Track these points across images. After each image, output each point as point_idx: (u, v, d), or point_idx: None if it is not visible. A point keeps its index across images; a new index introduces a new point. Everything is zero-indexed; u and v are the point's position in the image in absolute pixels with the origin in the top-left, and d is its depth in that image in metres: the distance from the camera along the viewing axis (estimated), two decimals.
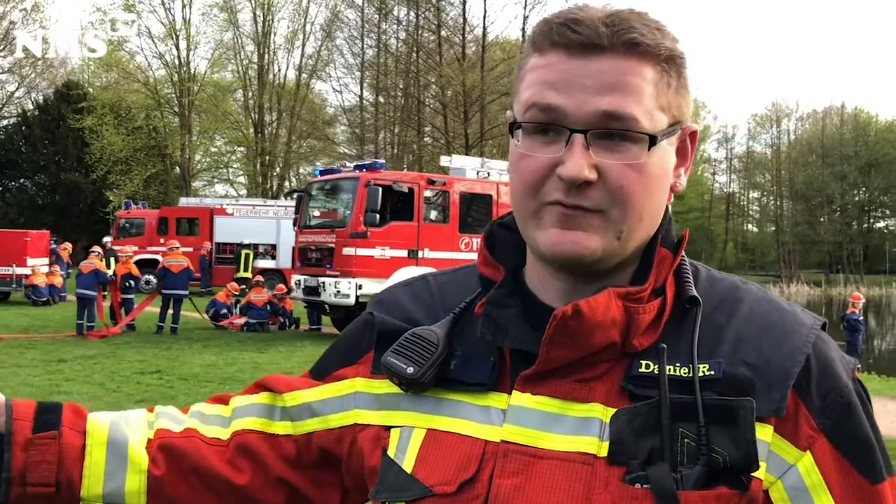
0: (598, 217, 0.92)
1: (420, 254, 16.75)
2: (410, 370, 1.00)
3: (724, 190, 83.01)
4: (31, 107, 52.72)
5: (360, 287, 16.20)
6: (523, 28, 38.41)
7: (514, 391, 0.97)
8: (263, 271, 26.36)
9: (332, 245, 16.87)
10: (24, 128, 50.26)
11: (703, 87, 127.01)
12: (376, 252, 16.54)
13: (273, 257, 29.36)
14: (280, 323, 18.98)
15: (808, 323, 0.98)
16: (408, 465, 1.01)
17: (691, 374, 0.92)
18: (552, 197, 0.93)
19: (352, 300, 16.24)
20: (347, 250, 16.47)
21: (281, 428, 1.14)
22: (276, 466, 1.12)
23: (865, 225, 76.75)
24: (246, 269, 25.52)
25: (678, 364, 0.93)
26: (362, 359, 1.12)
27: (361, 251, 16.41)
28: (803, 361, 0.94)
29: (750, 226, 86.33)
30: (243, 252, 26.08)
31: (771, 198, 79.89)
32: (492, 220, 1.11)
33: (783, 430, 0.93)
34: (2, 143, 50.09)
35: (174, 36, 48.07)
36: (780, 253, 73.65)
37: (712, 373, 0.93)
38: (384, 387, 1.07)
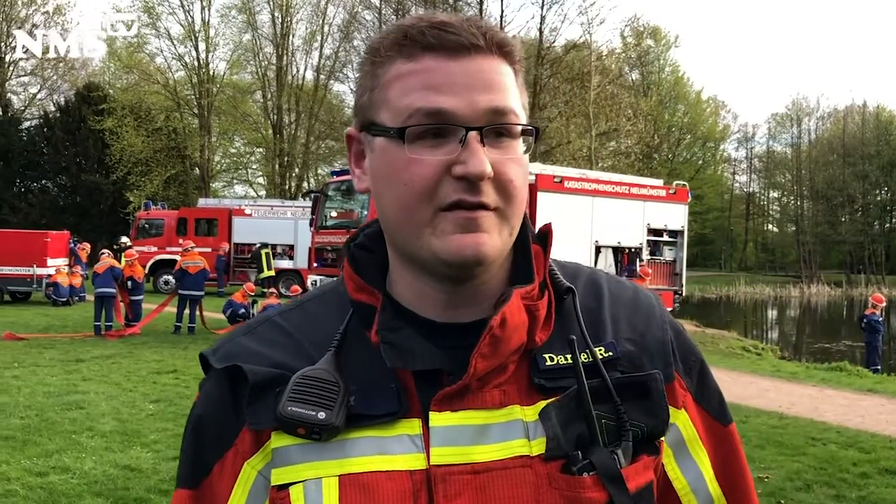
0: (496, 215, 0.93)
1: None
2: (322, 415, 0.92)
3: (745, 190, 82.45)
4: (52, 108, 53.18)
5: None
6: (540, 27, 38.30)
7: (431, 413, 0.93)
8: (281, 272, 26.52)
9: None
10: (45, 129, 50.67)
11: (722, 86, 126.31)
12: None
13: (291, 258, 29.53)
14: None
15: (652, 296, 1.10)
16: None
17: (592, 359, 0.97)
18: (451, 198, 0.91)
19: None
20: None
21: None
22: None
23: (887, 225, 75.88)
24: (269, 268, 25.67)
25: (578, 351, 0.97)
26: (238, 438, 0.99)
27: None
28: (669, 330, 1.06)
29: (770, 226, 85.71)
30: (263, 252, 26.22)
31: (791, 198, 79.26)
32: (346, 243, 1.07)
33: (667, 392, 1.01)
34: (24, 145, 50.54)
35: (193, 38, 48.38)
36: (801, 253, 73.07)
37: (610, 354, 0.99)
38: (269, 446, 0.97)
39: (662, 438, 1.00)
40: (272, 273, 25.97)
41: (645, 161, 45.64)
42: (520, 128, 0.95)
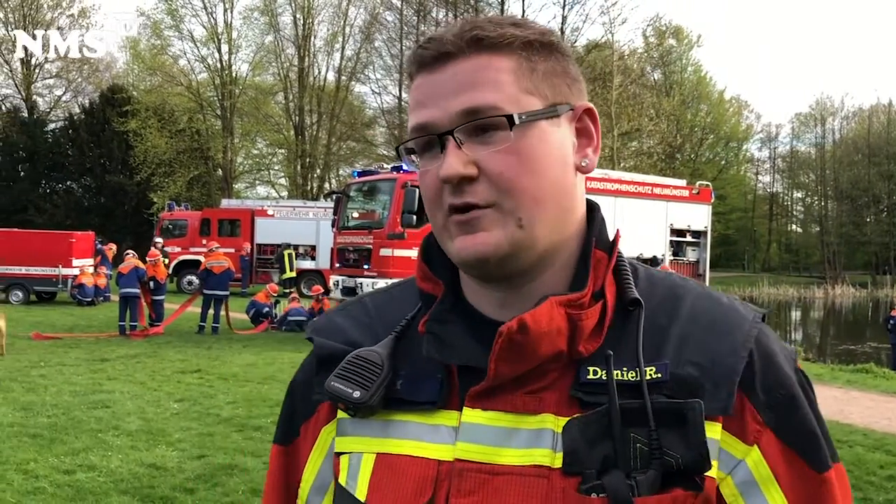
0: (494, 211, 0.93)
1: (418, 253, 16.77)
2: (357, 394, 0.97)
3: (768, 190, 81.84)
4: (77, 110, 53.74)
5: None
6: (562, 28, 38.21)
7: (464, 408, 0.96)
8: (303, 272, 26.65)
9: (370, 246, 16.98)
10: (70, 131, 51.21)
11: (745, 86, 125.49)
12: (413, 253, 16.51)
13: (313, 258, 29.67)
14: None
15: (748, 317, 0.99)
16: (360, 494, 0.99)
17: (638, 378, 0.92)
18: (446, 203, 0.94)
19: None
20: (384, 251, 16.57)
21: None
22: None
23: None
24: (291, 269, 25.81)
25: (625, 368, 0.93)
26: (320, 406, 1.08)
27: (398, 252, 16.49)
28: (747, 357, 0.95)
29: (794, 226, 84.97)
30: (285, 253, 26.36)
31: (815, 198, 78.55)
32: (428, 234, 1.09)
33: (731, 426, 0.93)
34: (49, 147, 51.09)
35: (216, 39, 48.72)
36: (825, 254, 72.38)
37: (659, 375, 0.93)
38: (338, 416, 1.04)
39: (713, 474, 0.92)
40: (293, 274, 26.11)
41: (667, 161, 45.44)
42: (517, 116, 0.93)
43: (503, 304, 0.98)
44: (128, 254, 18.21)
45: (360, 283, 16.88)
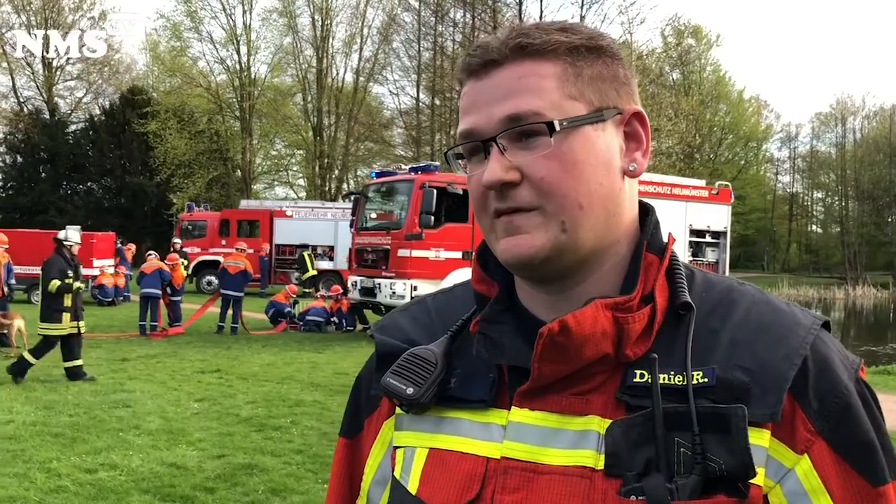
0: (538, 215, 0.94)
1: (475, 255, 16.79)
2: (410, 391, 1.00)
3: (788, 190, 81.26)
4: (98, 112, 54.15)
5: (416, 288, 16.32)
6: None
7: (512, 407, 0.97)
8: (321, 272, 26.75)
9: (388, 247, 17.01)
10: (91, 132, 51.61)
11: (765, 85, 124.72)
12: (431, 254, 16.62)
13: (331, 258, 29.76)
14: (337, 324, 19.19)
15: (806, 323, 0.96)
16: (412, 487, 1.02)
17: (685, 383, 0.91)
18: (491, 208, 0.97)
19: (407, 301, 16.35)
20: (403, 252, 16.60)
21: None
22: None
23: None
24: (313, 267, 25.93)
25: (672, 372, 0.92)
26: (381, 401, 1.12)
27: (416, 253, 16.52)
28: (799, 364, 0.92)
29: (814, 227, 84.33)
30: (305, 254, 26.51)
31: (836, 198, 77.89)
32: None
33: (780, 434, 0.91)
34: (70, 148, 51.51)
35: (235, 41, 49.01)
36: (846, 254, 71.78)
37: (706, 380, 0.91)
38: (397, 411, 1.08)
39: (759, 482, 0.90)
40: (315, 272, 26.24)
41: (686, 161, 45.18)
42: (557, 123, 0.94)
43: (552, 306, 0.99)
44: (150, 254, 18.34)
45: (378, 284, 16.92)
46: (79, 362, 11.41)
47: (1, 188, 51.98)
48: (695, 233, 19.77)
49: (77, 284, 11.47)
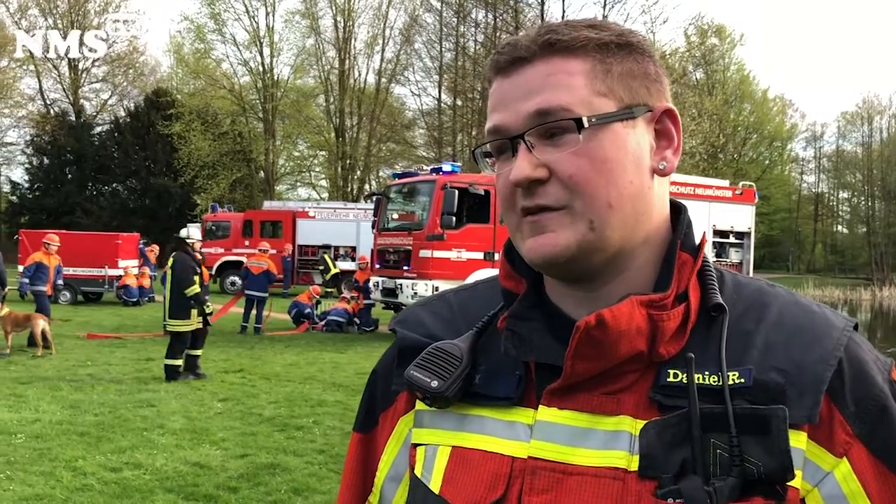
0: (565, 214, 0.93)
1: (496, 256, 16.77)
2: (435, 384, 0.98)
3: (813, 190, 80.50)
4: (123, 114, 54.68)
5: (437, 289, 16.32)
6: None
7: (540, 406, 0.96)
8: (343, 272, 26.84)
9: (410, 247, 17.04)
10: (116, 134, 52.10)
11: (790, 84, 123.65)
12: (453, 254, 16.63)
13: (353, 259, 29.84)
14: (358, 324, 19.23)
15: (839, 325, 0.95)
16: (435, 485, 1.00)
17: (721, 383, 0.90)
18: (519, 205, 0.96)
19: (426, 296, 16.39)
20: (424, 252, 16.62)
21: None
22: None
23: None
24: (333, 268, 26.03)
25: (707, 373, 0.91)
26: (398, 396, 1.11)
27: (438, 253, 16.54)
28: (835, 365, 0.91)
29: (840, 227, 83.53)
30: (325, 256, 26.64)
31: (862, 198, 77.04)
32: None
33: (818, 436, 0.89)
34: (96, 150, 52.03)
35: (258, 43, 49.31)
36: (872, 255, 70.95)
37: (742, 380, 0.90)
38: (416, 408, 1.07)
39: (797, 485, 0.89)
40: (337, 270, 26.36)
41: (710, 161, 44.91)
42: (586, 119, 0.92)
43: (583, 304, 0.98)
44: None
45: (400, 284, 16.96)
46: (199, 351, 11.93)
47: (28, 189, 52.63)
48: (718, 233, 19.64)
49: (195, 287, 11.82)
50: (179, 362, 11.56)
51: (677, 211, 1.03)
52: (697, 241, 1.01)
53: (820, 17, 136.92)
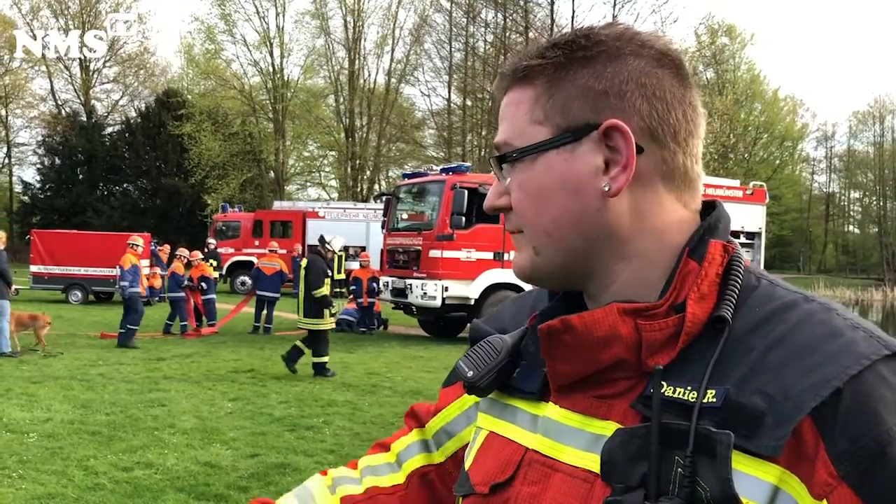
0: (521, 237, 1.00)
1: (506, 256, 16.77)
2: (470, 373, 1.04)
3: (824, 190, 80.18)
4: (133, 114, 54.92)
5: (447, 289, 16.34)
6: None
7: (549, 402, 0.99)
8: (350, 273, 26.85)
9: (419, 247, 17.04)
10: (127, 135, 52.32)
11: (801, 84, 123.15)
12: (462, 254, 16.62)
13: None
14: (367, 325, 19.22)
15: (860, 351, 0.82)
16: (468, 464, 1.08)
17: (695, 400, 0.85)
18: None
19: (438, 302, 16.40)
20: (434, 253, 16.62)
21: (439, 456, 1.25)
22: (449, 493, 1.20)
23: None
24: (339, 272, 26.00)
25: (689, 388, 0.86)
26: None
27: (447, 253, 16.53)
28: (826, 395, 0.80)
29: (851, 227, 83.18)
30: (336, 255, 26.58)
31: (873, 198, 76.73)
32: None
33: (800, 471, 0.80)
34: (107, 150, 52.25)
35: (268, 44, 49.43)
36: (884, 255, 70.63)
37: (714, 400, 0.84)
38: None
39: None
40: (342, 276, 26.32)
41: (720, 161, 44.80)
42: (508, 156, 0.98)
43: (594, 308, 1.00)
44: (175, 256, 18.67)
45: (410, 285, 16.96)
46: (325, 359, 12.42)
47: (39, 190, 52.91)
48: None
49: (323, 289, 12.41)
50: (326, 359, 12.26)
51: (712, 209, 1.00)
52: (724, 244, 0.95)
53: (831, 17, 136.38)
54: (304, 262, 12.64)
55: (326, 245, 13.48)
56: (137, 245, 16.28)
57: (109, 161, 51.57)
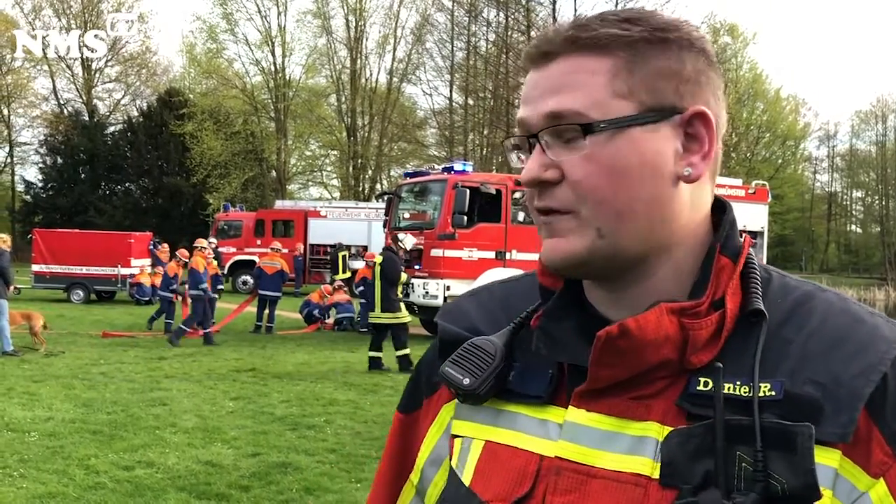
0: (572, 219, 0.91)
1: (507, 255, 16.75)
2: (466, 381, 0.98)
3: (826, 189, 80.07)
4: (135, 113, 54.91)
5: (449, 288, 16.32)
6: None
7: (570, 406, 0.94)
8: (355, 272, 26.87)
9: (421, 246, 17.03)
10: (129, 134, 52.31)
11: (803, 83, 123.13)
12: (464, 253, 16.61)
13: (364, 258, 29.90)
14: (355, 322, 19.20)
15: (890, 336, 0.88)
16: (466, 478, 1.00)
17: (750, 394, 0.86)
18: (533, 205, 0.94)
19: (440, 301, 16.38)
20: (436, 252, 16.61)
21: (433, 496, 1.10)
22: None
23: None
24: (345, 271, 26.00)
25: (738, 383, 0.87)
26: (441, 385, 1.08)
27: (449, 253, 16.52)
28: (877, 380, 0.85)
29: (853, 226, 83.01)
30: (339, 255, 26.61)
31: (876, 197, 76.59)
32: None
33: (854, 454, 0.84)
34: (109, 149, 52.25)
35: (270, 43, 49.41)
36: (886, 255, 70.51)
37: (773, 393, 0.86)
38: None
39: None
40: (347, 275, 26.34)
41: (723, 160, 44.64)
42: (597, 125, 0.89)
43: (615, 303, 0.96)
44: (173, 257, 18.74)
45: (412, 284, 16.94)
46: (407, 351, 12.72)
47: (41, 189, 52.93)
48: None
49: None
50: (408, 351, 12.55)
51: (722, 209, 1.00)
52: (740, 244, 0.98)
53: (833, 16, 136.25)
54: (378, 260, 13.15)
55: (399, 244, 14.02)
56: (205, 248, 16.34)
57: (111, 160, 51.56)
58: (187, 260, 18.18)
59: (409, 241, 14.57)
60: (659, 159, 0.91)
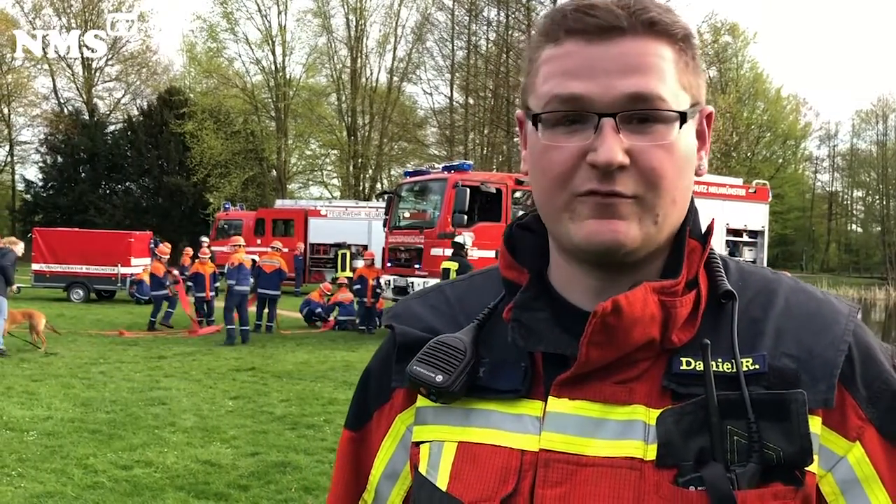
0: (635, 204, 0.89)
1: (502, 241, 16.76)
2: (439, 378, 0.96)
3: (827, 189, 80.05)
4: (136, 113, 54.92)
5: None
6: None
7: (550, 397, 0.93)
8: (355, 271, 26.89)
9: (421, 246, 17.03)
10: (129, 133, 52.32)
11: (804, 83, 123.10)
12: None
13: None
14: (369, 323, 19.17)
15: (844, 311, 0.96)
16: (442, 483, 0.97)
17: (734, 370, 0.89)
18: (585, 187, 0.89)
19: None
20: (436, 251, 16.60)
21: None
22: None
23: None
24: (344, 269, 26.00)
25: (720, 360, 0.90)
26: (395, 393, 1.08)
27: (449, 252, 16.51)
28: (846, 350, 0.92)
29: (854, 226, 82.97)
30: (340, 253, 26.61)
31: (876, 197, 76.59)
32: (512, 222, 1.09)
33: (831, 421, 0.90)
34: (109, 148, 52.25)
35: (270, 42, 49.42)
36: (886, 254, 70.51)
37: (757, 367, 0.90)
38: (416, 405, 1.04)
39: (814, 470, 0.89)
40: (349, 274, 26.35)
41: (723, 160, 44.79)
42: (674, 112, 0.89)
43: (598, 292, 0.95)
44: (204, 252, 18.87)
45: (412, 283, 16.94)
46: None
47: (42, 188, 52.92)
48: (732, 232, 19.56)
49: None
50: None
51: None
52: (704, 228, 1.01)
53: (833, 15, 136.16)
54: (453, 266, 13.29)
55: (465, 248, 14.15)
56: (242, 245, 16.39)
57: (111, 159, 51.56)
58: (161, 255, 18.46)
59: (468, 238, 14.47)
60: (692, 152, 0.95)
